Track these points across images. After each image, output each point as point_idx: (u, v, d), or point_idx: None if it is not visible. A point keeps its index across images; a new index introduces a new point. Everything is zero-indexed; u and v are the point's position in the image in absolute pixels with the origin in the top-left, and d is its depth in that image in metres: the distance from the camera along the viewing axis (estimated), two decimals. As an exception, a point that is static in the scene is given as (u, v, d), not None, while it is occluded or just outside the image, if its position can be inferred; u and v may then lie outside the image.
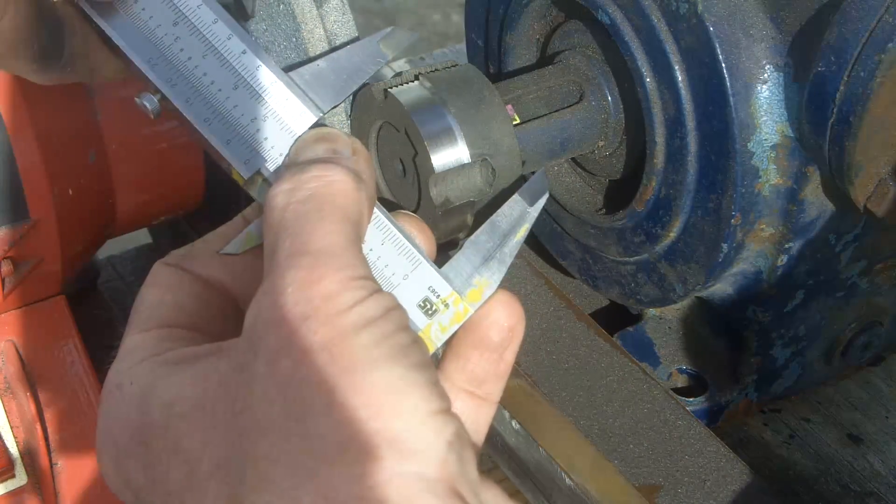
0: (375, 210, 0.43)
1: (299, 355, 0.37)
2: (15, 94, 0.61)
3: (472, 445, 0.38)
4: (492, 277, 0.43)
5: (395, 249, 0.43)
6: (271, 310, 0.38)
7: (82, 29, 0.47)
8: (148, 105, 0.45)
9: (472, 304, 0.43)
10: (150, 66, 0.44)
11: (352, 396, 0.36)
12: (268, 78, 0.44)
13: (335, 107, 0.46)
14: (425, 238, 0.45)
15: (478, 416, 0.44)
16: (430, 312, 0.43)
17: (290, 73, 0.45)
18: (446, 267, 0.43)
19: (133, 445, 0.40)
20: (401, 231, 0.43)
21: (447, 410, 0.38)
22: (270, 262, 0.39)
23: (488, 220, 0.45)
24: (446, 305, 0.43)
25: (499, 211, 0.45)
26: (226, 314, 0.44)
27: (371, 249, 0.43)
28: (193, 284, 0.44)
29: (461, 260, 0.44)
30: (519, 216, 0.45)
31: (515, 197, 0.45)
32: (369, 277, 0.39)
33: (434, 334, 0.43)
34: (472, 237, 0.44)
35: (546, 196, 0.46)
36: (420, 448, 0.36)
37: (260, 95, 0.44)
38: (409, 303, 0.42)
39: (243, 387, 0.38)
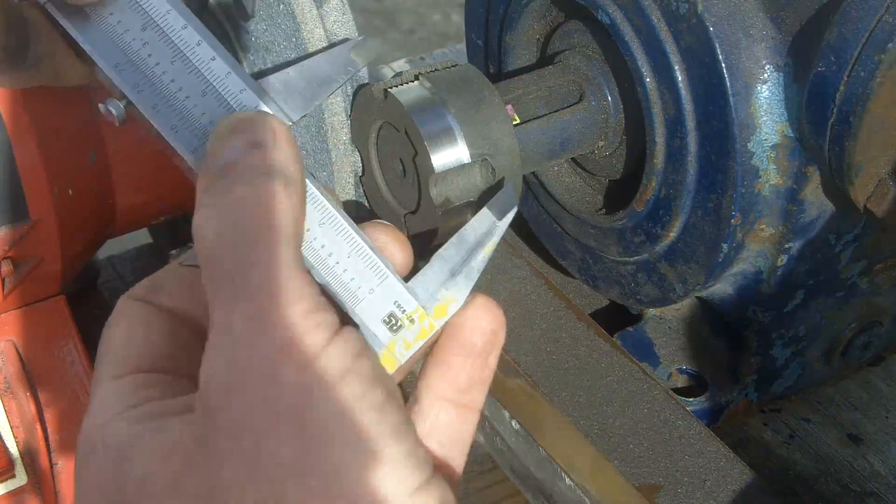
0: (344, 223, 0.42)
1: (265, 427, 0.34)
2: (15, 95, 0.61)
3: (441, 482, 0.37)
4: (458, 293, 0.42)
5: (363, 262, 0.42)
6: (225, 370, 0.35)
7: (48, 32, 0.46)
8: (113, 111, 0.43)
9: (438, 321, 0.42)
10: (117, 72, 0.43)
11: (331, 482, 0.34)
12: (237, 85, 0.43)
13: (303, 116, 0.45)
14: (399, 247, 0.43)
15: (462, 426, 0.42)
16: (395, 328, 0.41)
17: (261, 81, 0.44)
18: (413, 281, 0.42)
19: (97, 479, 0.38)
20: (368, 244, 0.42)
21: (429, 479, 0.36)
22: (213, 306, 0.36)
23: (457, 234, 0.44)
24: (412, 321, 0.42)
25: (467, 224, 0.44)
26: (198, 348, 0.40)
27: (338, 262, 0.41)
28: (162, 319, 0.42)
29: (428, 274, 0.43)
30: (487, 230, 0.44)
31: (484, 210, 0.44)
32: (322, 307, 0.37)
33: (398, 351, 0.41)
34: (441, 250, 0.43)
35: (514, 211, 0.45)
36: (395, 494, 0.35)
37: (228, 103, 0.42)
38: (374, 318, 0.41)
39: (210, 464, 0.35)
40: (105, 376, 0.41)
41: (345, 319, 0.40)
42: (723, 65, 0.60)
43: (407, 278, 0.42)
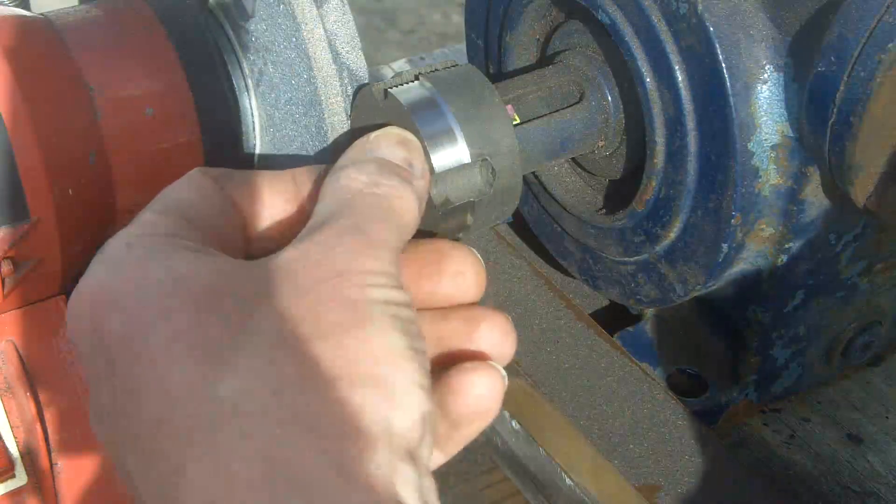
0: None
1: (326, 298, 0.39)
2: (15, 94, 0.61)
3: (433, 434, 0.40)
4: None
5: None
6: (313, 254, 0.40)
7: None
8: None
9: None
10: None
11: (361, 343, 0.38)
12: None
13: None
14: (475, 274, 0.51)
15: None
16: None
17: None
18: None
19: (124, 299, 0.40)
20: None
21: (431, 395, 0.40)
22: (325, 223, 0.42)
23: None
24: None
25: None
26: (235, 238, 0.46)
27: None
28: (222, 198, 0.46)
29: None
30: None
31: None
32: (400, 283, 0.42)
33: None
34: None
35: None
36: (402, 407, 0.38)
37: None
38: None
39: (261, 298, 0.39)
40: (151, 210, 0.44)
41: None
42: (723, 65, 0.60)
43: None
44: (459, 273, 0.48)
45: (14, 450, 0.65)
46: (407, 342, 0.40)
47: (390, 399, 0.38)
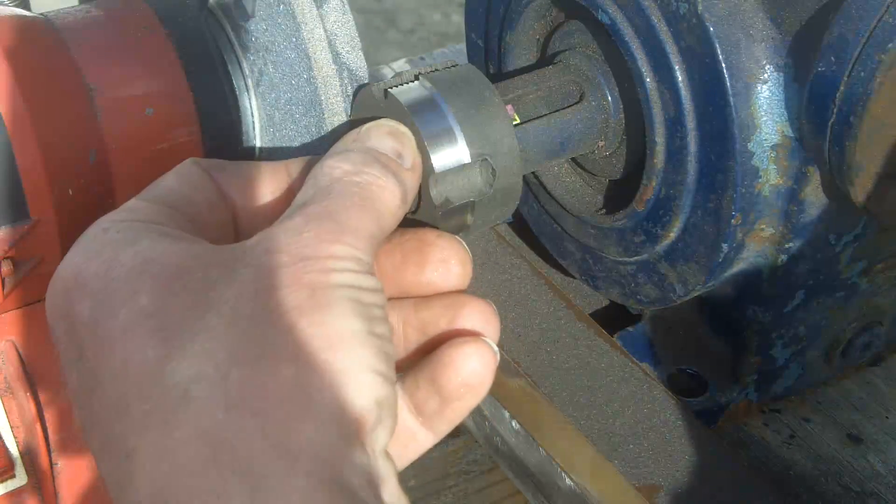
0: None
1: (287, 281, 0.39)
2: (15, 94, 0.61)
3: (393, 419, 0.40)
4: None
5: None
6: (279, 238, 0.40)
7: None
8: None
9: None
10: None
11: (315, 327, 0.38)
12: None
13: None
14: (459, 262, 0.49)
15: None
16: None
17: None
18: None
19: (93, 282, 0.40)
20: None
21: (391, 381, 0.40)
22: (298, 208, 0.42)
23: None
24: None
25: None
26: (224, 228, 0.46)
27: None
28: (211, 189, 0.46)
29: None
30: None
31: None
32: (371, 269, 0.42)
33: None
34: None
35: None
36: (352, 390, 0.38)
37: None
38: None
39: (224, 280, 0.39)
40: (138, 197, 0.45)
41: None
42: (723, 65, 0.60)
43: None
44: (444, 261, 0.48)
45: (14, 450, 0.65)
46: (365, 326, 0.39)
47: (341, 383, 0.38)
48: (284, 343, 0.38)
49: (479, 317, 0.47)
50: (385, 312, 0.41)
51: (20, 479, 0.65)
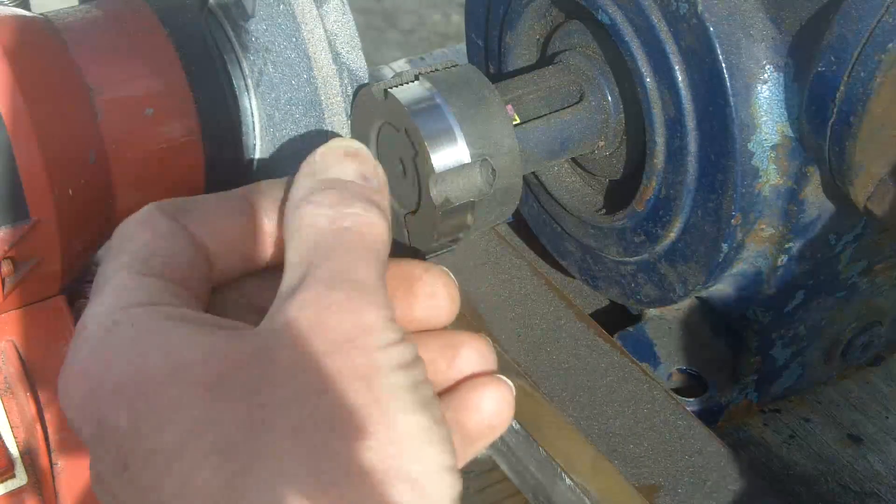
0: None
1: (337, 375, 0.37)
2: (15, 94, 0.61)
3: None
4: None
5: None
6: (309, 321, 0.38)
7: None
8: None
9: None
10: None
11: (382, 430, 0.37)
12: None
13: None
14: (447, 296, 0.47)
15: None
16: None
17: None
18: None
19: (125, 389, 0.38)
20: None
21: (457, 469, 0.39)
22: (306, 277, 0.39)
23: None
24: None
25: None
26: (202, 276, 0.43)
27: None
28: (185, 241, 0.43)
29: None
30: None
31: None
32: (401, 330, 0.40)
33: None
34: None
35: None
36: (433, 496, 0.37)
37: None
38: None
39: (269, 384, 0.37)
40: (124, 270, 0.41)
41: None
42: (723, 65, 0.60)
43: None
44: (432, 296, 0.46)
45: (14, 450, 0.65)
46: (427, 416, 0.38)
47: (421, 495, 0.37)
48: (359, 457, 0.36)
49: (477, 356, 0.47)
50: (431, 386, 0.40)
51: (20, 479, 0.65)
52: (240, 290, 0.45)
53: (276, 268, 0.45)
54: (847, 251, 0.68)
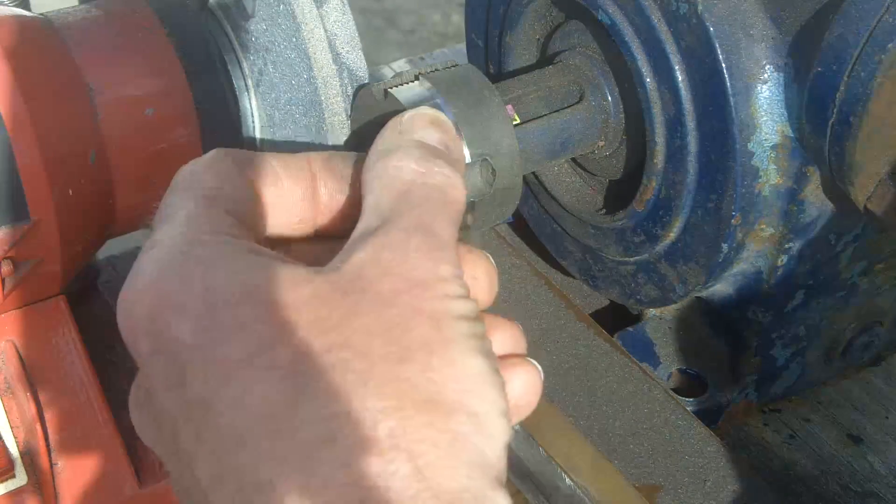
0: None
1: (410, 312, 0.38)
2: (15, 94, 0.61)
3: None
4: None
5: None
6: (385, 259, 0.39)
7: None
8: None
9: None
10: None
11: (447, 367, 0.38)
12: None
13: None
14: (488, 281, 0.47)
15: None
16: None
17: None
18: None
19: (191, 305, 0.38)
20: None
21: (510, 417, 0.40)
22: (388, 222, 0.41)
23: None
24: None
25: None
26: (258, 225, 0.44)
27: None
28: (244, 183, 0.44)
29: None
30: None
31: None
32: (467, 287, 0.41)
33: None
34: None
35: None
36: (492, 434, 0.38)
37: None
38: None
39: (342, 311, 0.38)
40: (192, 201, 0.42)
41: None
42: (723, 65, 0.60)
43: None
44: (473, 279, 0.46)
45: (14, 450, 0.65)
46: (489, 366, 0.39)
47: (480, 429, 0.38)
48: (423, 385, 0.37)
49: (512, 340, 0.47)
50: (490, 342, 0.41)
51: (20, 479, 0.65)
52: (284, 250, 0.46)
53: (322, 237, 0.46)
54: (847, 251, 0.68)
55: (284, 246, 0.46)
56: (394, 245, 0.40)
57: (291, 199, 0.45)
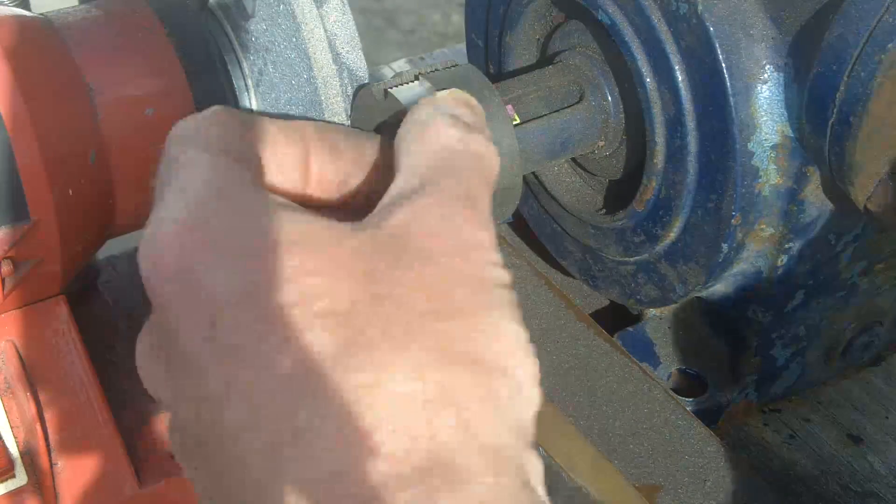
0: None
1: (453, 273, 0.39)
2: (15, 94, 0.61)
3: None
4: None
5: None
6: (429, 221, 0.40)
7: None
8: None
9: None
10: None
11: (491, 329, 0.39)
12: None
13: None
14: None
15: None
16: None
17: None
18: None
19: (227, 248, 0.37)
20: None
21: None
22: (430, 185, 0.41)
23: None
24: None
25: None
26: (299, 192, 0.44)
27: None
28: (248, 144, 0.43)
29: None
30: None
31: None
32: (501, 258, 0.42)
33: None
34: None
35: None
36: (529, 399, 0.39)
37: None
38: None
39: (386, 265, 0.38)
40: (207, 153, 0.41)
41: None
42: (723, 65, 0.60)
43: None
44: None
45: (14, 450, 0.65)
46: (526, 335, 0.40)
47: (519, 392, 0.38)
48: (466, 343, 0.38)
49: None
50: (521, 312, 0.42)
51: (20, 479, 0.65)
52: None
53: (308, 206, 0.45)
54: (847, 251, 0.68)
55: None
56: (437, 207, 0.40)
57: (286, 164, 0.44)
